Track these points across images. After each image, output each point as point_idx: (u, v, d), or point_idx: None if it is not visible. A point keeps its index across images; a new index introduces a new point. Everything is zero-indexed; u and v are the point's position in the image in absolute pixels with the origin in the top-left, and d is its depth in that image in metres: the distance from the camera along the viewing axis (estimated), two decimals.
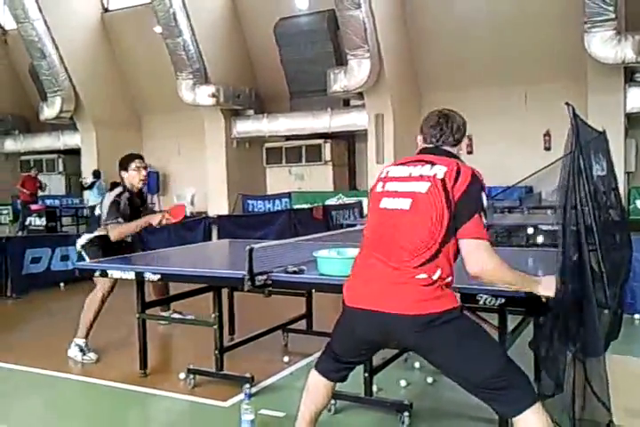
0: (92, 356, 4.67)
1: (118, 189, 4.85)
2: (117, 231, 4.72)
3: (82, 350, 4.68)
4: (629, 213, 12.76)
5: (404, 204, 2.42)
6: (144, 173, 4.90)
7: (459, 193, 2.35)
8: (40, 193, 16.40)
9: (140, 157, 5.01)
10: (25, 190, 15.74)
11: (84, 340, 4.73)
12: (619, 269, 3.17)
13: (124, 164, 4.90)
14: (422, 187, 2.40)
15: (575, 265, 2.57)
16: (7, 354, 4.82)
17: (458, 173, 2.39)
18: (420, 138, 2.66)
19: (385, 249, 2.43)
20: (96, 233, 4.85)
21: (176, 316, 5.41)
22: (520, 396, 2.31)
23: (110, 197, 4.79)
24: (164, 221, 4.88)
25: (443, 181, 2.37)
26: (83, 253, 4.90)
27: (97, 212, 4.92)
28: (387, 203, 2.48)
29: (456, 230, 2.35)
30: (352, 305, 2.51)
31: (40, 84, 19.08)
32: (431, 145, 2.60)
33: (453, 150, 2.62)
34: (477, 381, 2.35)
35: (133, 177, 4.87)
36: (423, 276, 2.34)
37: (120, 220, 4.73)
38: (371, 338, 2.55)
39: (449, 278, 2.41)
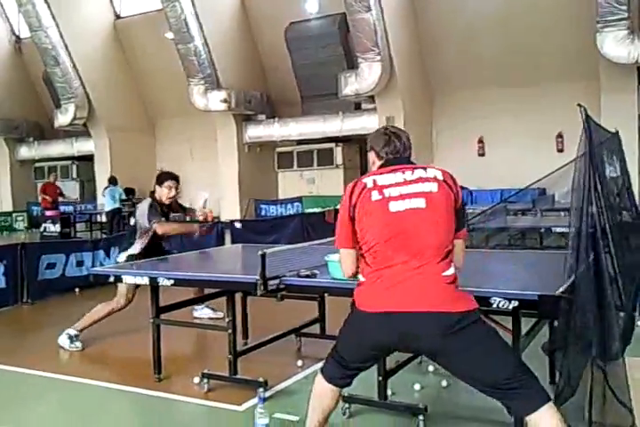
0: (79, 344, 5.05)
1: (149, 200, 5.26)
2: (167, 227, 5.16)
3: (70, 338, 5.05)
4: None
5: (419, 203, 2.46)
6: (174, 192, 5.34)
7: (460, 198, 2.53)
8: (61, 199, 16.48)
9: (176, 179, 5.45)
10: (47, 197, 15.86)
11: (77, 332, 5.09)
12: (633, 272, 3.15)
13: (161, 179, 5.33)
14: (432, 186, 2.49)
15: (591, 267, 2.56)
16: (23, 359, 4.86)
17: (452, 177, 2.55)
18: (373, 155, 2.71)
19: (406, 249, 2.44)
20: (135, 249, 5.14)
21: (207, 312, 5.81)
22: (534, 394, 2.37)
23: (146, 203, 5.22)
24: (196, 235, 5.43)
25: (445, 182, 2.51)
26: None
27: (132, 221, 5.30)
28: (397, 206, 2.48)
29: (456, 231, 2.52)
30: (370, 310, 2.48)
31: (54, 91, 19.24)
32: (397, 155, 2.66)
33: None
34: (492, 382, 2.39)
35: (163, 193, 5.29)
36: (447, 272, 2.43)
37: (163, 219, 5.17)
38: (385, 341, 2.53)
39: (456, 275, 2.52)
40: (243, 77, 17.49)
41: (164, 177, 5.37)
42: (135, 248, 5.16)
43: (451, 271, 2.45)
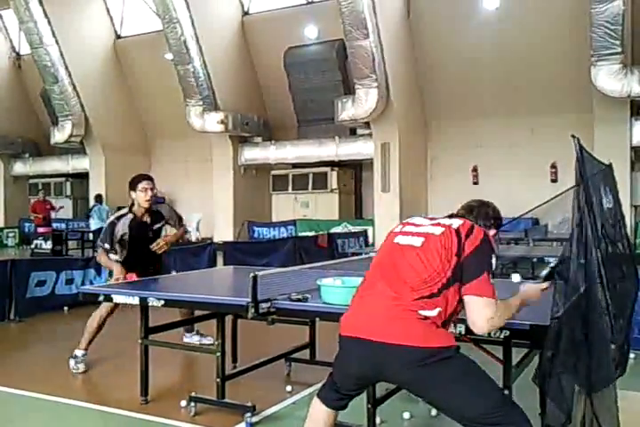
0: (80, 367, 4.92)
1: (121, 211, 5.01)
2: (100, 258, 5.01)
3: (76, 358, 4.95)
4: (636, 246, 12.71)
5: (416, 241, 2.54)
6: (150, 193, 5.00)
7: (471, 247, 2.45)
8: (54, 215, 16.40)
9: (149, 179, 5.11)
10: (38, 215, 15.80)
11: (83, 351, 4.98)
12: (625, 303, 3.15)
13: (133, 184, 5.03)
14: (436, 230, 2.54)
15: (583, 297, 2.55)
16: (7, 378, 4.79)
17: (472, 228, 2.52)
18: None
19: (388, 279, 2.51)
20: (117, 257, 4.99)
21: (196, 338, 5.66)
22: None
23: (110, 218, 5.02)
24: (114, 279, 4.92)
25: (457, 231, 2.49)
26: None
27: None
28: (400, 239, 2.61)
29: (461, 284, 2.42)
30: (346, 334, 2.54)
31: (51, 108, 19.31)
32: (461, 211, 2.80)
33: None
34: (472, 416, 2.37)
35: (140, 197, 4.99)
36: (425, 312, 2.40)
37: (106, 246, 4.89)
38: (362, 372, 2.54)
39: (445, 321, 2.47)
40: (240, 100, 17.61)
41: (136, 180, 5.04)
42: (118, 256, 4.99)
43: (431, 313, 2.39)
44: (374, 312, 2.47)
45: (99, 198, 15.55)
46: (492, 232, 2.75)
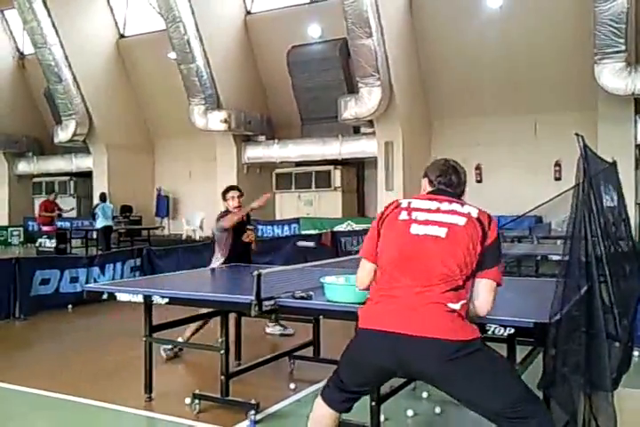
0: (169, 352, 5.24)
1: (219, 213, 5.78)
2: (229, 218, 5.52)
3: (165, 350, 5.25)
4: None
5: (440, 232, 2.47)
6: (237, 201, 5.72)
7: (492, 238, 2.47)
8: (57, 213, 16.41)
9: (235, 189, 5.88)
10: (52, 214, 15.84)
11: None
12: (629, 301, 3.15)
13: (224, 194, 5.81)
14: (460, 220, 2.48)
15: (585, 296, 2.55)
16: (12, 375, 4.81)
17: (489, 217, 2.52)
18: (425, 182, 2.74)
19: (414, 272, 2.46)
20: (217, 263, 5.55)
21: (278, 328, 6.01)
22: (541, 425, 2.33)
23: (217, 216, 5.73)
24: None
25: (479, 220, 2.48)
26: None
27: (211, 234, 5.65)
28: (418, 229, 2.51)
29: (479, 270, 2.46)
30: (370, 327, 2.48)
31: (55, 107, 19.35)
32: (449, 189, 2.67)
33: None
34: (497, 409, 2.36)
35: (230, 205, 5.73)
36: (452, 305, 2.40)
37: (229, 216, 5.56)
38: (384, 364, 2.50)
39: (464, 312, 2.46)
40: (243, 98, 17.62)
41: (225, 190, 5.84)
42: (216, 262, 5.54)
43: (457, 306, 2.41)
44: (402, 306, 2.43)
45: (103, 197, 15.59)
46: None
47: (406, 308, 2.42)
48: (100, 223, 14.70)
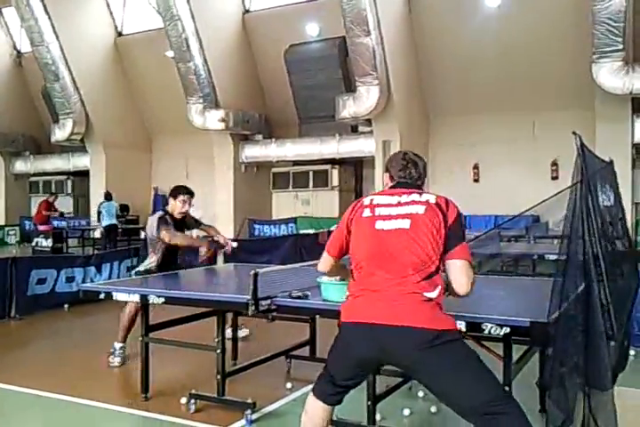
0: (116, 361, 5.03)
1: (160, 212, 5.29)
2: (174, 237, 5.09)
3: (114, 352, 5.06)
4: (636, 244, 12.70)
5: (404, 224, 2.57)
6: (187, 207, 5.35)
7: (452, 218, 2.56)
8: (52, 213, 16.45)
9: (191, 193, 5.45)
10: (54, 213, 15.89)
11: (121, 344, 5.09)
12: (625, 301, 3.15)
13: (175, 193, 5.36)
14: (419, 209, 2.58)
15: (582, 296, 2.55)
16: (7, 375, 4.80)
17: (447, 200, 2.62)
18: (387, 177, 2.86)
19: (386, 266, 2.54)
20: (148, 264, 5.18)
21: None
22: (514, 423, 2.36)
23: (156, 215, 5.25)
24: (204, 255, 5.31)
25: (437, 204, 2.58)
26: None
27: (142, 235, 5.30)
28: (383, 225, 2.61)
29: (446, 252, 2.54)
30: (351, 320, 2.57)
31: (52, 106, 19.28)
32: (409, 181, 2.78)
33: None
34: (473, 404, 2.39)
35: (176, 207, 5.31)
36: (428, 293, 2.48)
37: (172, 229, 5.11)
38: (368, 355, 2.58)
39: (442, 299, 2.54)
40: (241, 97, 17.59)
41: (178, 191, 5.39)
42: (148, 263, 5.20)
43: (433, 294, 2.49)
44: (381, 298, 2.51)
45: (108, 195, 15.61)
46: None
47: (385, 299, 2.50)
48: (105, 222, 14.76)
